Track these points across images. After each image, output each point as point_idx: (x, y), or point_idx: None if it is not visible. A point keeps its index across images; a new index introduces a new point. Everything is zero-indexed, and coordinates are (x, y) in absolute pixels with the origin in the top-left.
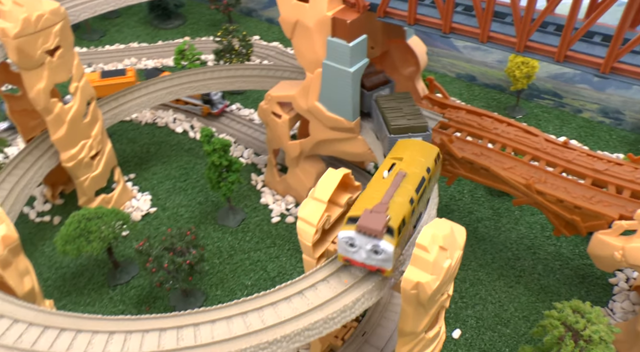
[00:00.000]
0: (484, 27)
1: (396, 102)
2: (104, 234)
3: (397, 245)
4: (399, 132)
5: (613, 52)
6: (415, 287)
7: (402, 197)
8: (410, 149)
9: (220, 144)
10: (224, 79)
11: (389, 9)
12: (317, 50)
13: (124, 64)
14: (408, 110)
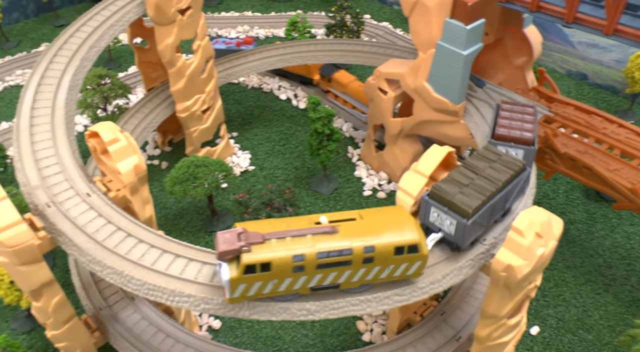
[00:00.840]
0: (612, 18)
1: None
2: (208, 181)
3: (237, 279)
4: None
5: None
6: (505, 270)
7: (292, 248)
8: (390, 221)
9: (326, 112)
10: (334, 52)
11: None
12: (433, 31)
13: (236, 31)
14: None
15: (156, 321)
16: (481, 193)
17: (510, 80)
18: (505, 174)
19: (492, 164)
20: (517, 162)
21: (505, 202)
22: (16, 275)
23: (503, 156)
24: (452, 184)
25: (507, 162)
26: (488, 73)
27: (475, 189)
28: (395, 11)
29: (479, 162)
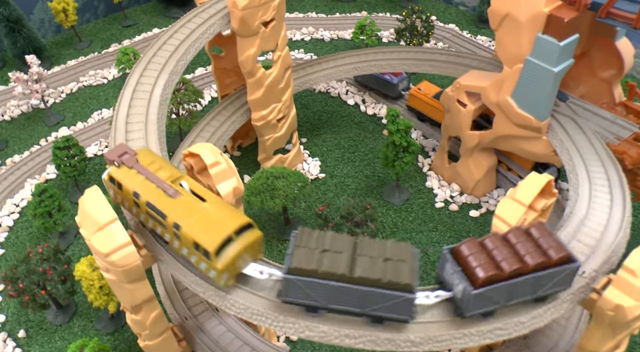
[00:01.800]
0: None
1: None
2: (287, 192)
3: (107, 181)
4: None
5: None
6: (614, 309)
7: (138, 186)
8: (221, 221)
9: (405, 125)
10: (410, 60)
11: (613, 10)
12: (523, 45)
13: (301, 33)
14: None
15: (241, 333)
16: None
17: (594, 93)
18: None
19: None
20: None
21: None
22: (121, 292)
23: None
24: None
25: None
26: (569, 85)
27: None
28: (461, 12)
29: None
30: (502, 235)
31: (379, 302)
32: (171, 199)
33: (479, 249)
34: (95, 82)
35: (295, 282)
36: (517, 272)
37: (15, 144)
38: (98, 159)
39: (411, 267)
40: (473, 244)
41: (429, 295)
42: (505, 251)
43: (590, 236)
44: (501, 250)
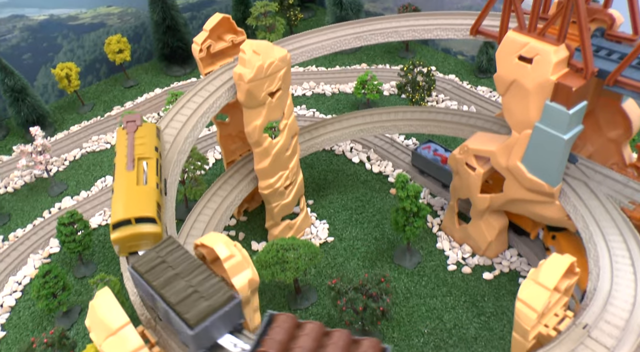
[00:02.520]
0: None
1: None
2: (298, 264)
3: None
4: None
5: None
6: None
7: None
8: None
9: (414, 190)
10: (416, 121)
11: (621, 78)
12: (531, 112)
13: (302, 88)
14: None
15: None
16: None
17: (602, 152)
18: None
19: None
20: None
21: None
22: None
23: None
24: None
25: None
26: (576, 144)
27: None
28: (460, 62)
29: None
30: (325, 331)
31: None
32: (125, 170)
33: (285, 330)
34: (99, 147)
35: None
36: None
37: (19, 217)
38: (102, 229)
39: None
40: (288, 323)
41: (236, 343)
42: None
43: (618, 315)
44: (305, 343)
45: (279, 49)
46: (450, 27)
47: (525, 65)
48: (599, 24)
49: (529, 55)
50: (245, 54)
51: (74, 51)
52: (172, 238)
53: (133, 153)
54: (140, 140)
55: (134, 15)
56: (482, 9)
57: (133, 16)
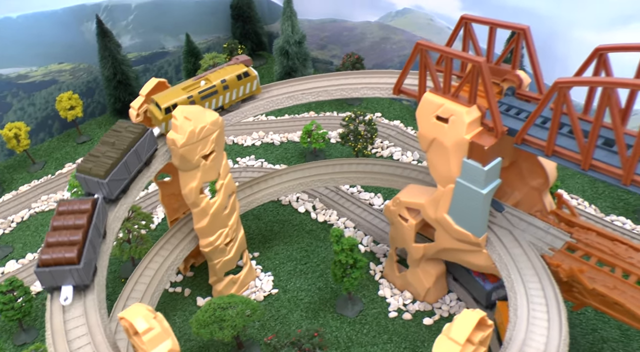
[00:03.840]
0: (629, 169)
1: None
2: (236, 322)
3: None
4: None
5: None
6: None
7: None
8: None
9: (349, 244)
10: (353, 173)
11: (527, 137)
12: (452, 168)
13: (252, 138)
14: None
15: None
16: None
17: (527, 200)
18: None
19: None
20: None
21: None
22: None
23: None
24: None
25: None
26: (505, 191)
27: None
28: (405, 107)
29: (109, 138)
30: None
31: None
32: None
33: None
34: (48, 207)
35: None
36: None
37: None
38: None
39: None
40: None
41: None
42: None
43: None
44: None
45: (211, 113)
46: (377, 86)
47: (443, 124)
48: (510, 84)
49: (444, 116)
50: (177, 119)
51: (25, 109)
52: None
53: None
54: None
55: (86, 70)
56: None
57: (85, 71)
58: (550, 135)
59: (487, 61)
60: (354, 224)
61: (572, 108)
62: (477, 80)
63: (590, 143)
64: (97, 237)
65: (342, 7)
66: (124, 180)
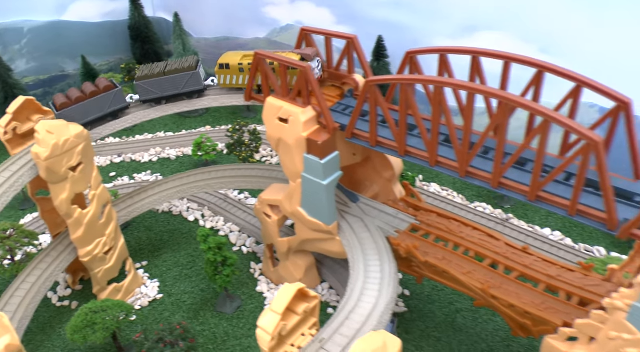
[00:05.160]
0: (432, 151)
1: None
2: (107, 325)
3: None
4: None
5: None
6: None
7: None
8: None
9: (215, 243)
10: (227, 178)
11: (355, 131)
12: (297, 164)
13: (149, 154)
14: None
15: None
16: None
17: (384, 191)
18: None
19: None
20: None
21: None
22: None
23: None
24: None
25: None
26: (365, 185)
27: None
28: None
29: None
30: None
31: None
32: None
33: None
34: None
35: None
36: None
37: None
38: None
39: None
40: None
41: None
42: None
43: (352, 327)
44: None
45: (75, 126)
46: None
47: (284, 125)
48: (349, 87)
49: (284, 117)
50: (40, 134)
51: None
52: None
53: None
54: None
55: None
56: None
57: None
58: (372, 128)
59: (328, 67)
60: (239, 228)
61: (383, 103)
62: (307, 86)
63: (401, 132)
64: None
65: (234, 25)
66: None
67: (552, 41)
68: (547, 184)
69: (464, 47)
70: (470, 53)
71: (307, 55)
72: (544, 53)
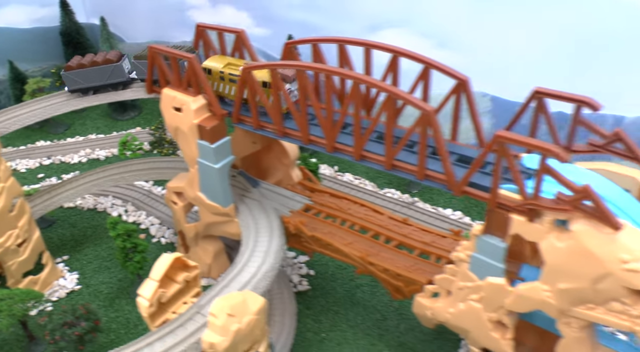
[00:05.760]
0: (304, 129)
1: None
2: (14, 312)
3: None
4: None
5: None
6: (210, 347)
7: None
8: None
9: (124, 229)
10: (141, 171)
11: (241, 116)
12: (193, 150)
13: (79, 156)
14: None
15: None
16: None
17: (285, 177)
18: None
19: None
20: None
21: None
22: None
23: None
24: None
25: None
26: (271, 172)
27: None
28: None
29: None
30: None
31: None
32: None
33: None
34: None
35: None
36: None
37: None
38: None
39: None
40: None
41: None
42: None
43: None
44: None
45: None
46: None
47: (179, 113)
48: None
49: (178, 106)
50: None
51: None
52: None
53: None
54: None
55: None
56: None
57: None
58: (254, 113)
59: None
60: (159, 220)
61: (258, 89)
62: (195, 74)
63: (275, 115)
64: None
65: (163, 29)
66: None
67: (448, 36)
68: (398, 153)
69: (332, 37)
70: (335, 41)
71: (286, 76)
72: (441, 47)
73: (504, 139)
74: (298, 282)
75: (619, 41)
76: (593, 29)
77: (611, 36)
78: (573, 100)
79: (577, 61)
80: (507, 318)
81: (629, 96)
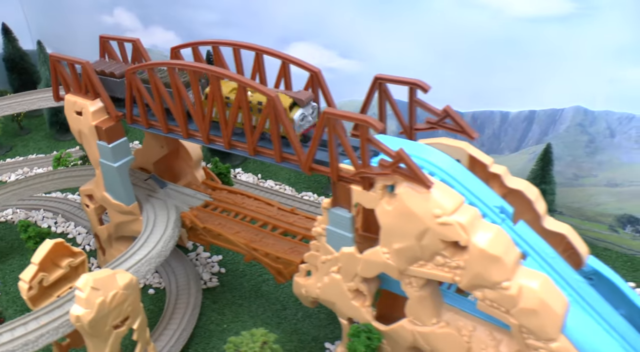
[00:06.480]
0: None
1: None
2: None
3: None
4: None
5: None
6: (76, 320)
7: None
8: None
9: (35, 232)
10: (61, 179)
11: (134, 117)
12: (95, 151)
13: (16, 174)
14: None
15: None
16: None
17: (193, 178)
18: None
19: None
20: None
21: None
22: None
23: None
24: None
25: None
26: (181, 176)
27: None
28: None
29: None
30: None
31: None
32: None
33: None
34: None
35: None
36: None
37: None
38: None
39: None
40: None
41: None
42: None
43: None
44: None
45: None
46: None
47: (80, 117)
48: None
49: (78, 110)
50: None
51: None
52: None
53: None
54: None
55: None
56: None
57: None
58: (140, 112)
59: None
60: (86, 230)
61: (141, 88)
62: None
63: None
64: None
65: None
66: None
67: (349, 46)
68: (258, 140)
69: (208, 40)
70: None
71: (300, 100)
72: (344, 57)
73: (331, 114)
74: (208, 279)
75: (500, 46)
76: (478, 36)
77: (494, 42)
78: (407, 83)
79: (467, 64)
80: (363, 286)
81: (511, 95)
